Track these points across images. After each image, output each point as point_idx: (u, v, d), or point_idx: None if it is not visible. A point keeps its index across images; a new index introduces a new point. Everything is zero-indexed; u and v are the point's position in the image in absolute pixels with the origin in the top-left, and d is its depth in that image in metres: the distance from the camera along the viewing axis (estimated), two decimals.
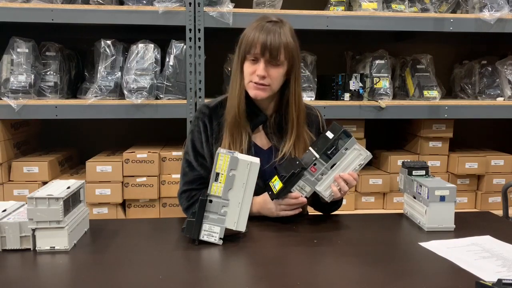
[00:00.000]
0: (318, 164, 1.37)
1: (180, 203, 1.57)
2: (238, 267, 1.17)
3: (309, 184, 1.38)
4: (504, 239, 1.29)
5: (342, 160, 1.38)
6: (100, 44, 2.34)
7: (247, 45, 1.44)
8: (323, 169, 1.38)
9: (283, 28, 1.44)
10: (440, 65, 2.80)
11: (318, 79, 2.51)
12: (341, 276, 1.08)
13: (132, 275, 1.07)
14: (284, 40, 1.42)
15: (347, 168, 1.39)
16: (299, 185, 1.38)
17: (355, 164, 1.39)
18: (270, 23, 1.44)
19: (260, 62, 1.43)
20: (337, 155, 1.38)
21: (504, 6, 2.41)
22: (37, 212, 1.16)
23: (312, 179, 1.38)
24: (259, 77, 1.44)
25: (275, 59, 1.43)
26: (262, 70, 1.43)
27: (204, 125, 1.54)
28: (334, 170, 1.38)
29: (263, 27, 1.43)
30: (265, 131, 1.55)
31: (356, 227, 1.48)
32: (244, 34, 1.47)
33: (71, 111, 2.23)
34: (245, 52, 1.45)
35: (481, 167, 2.56)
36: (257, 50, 1.42)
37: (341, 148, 1.37)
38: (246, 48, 1.44)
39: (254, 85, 1.46)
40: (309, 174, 1.38)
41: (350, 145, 1.38)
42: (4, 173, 2.26)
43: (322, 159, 1.37)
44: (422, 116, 2.45)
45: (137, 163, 2.28)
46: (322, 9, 2.47)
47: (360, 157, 1.39)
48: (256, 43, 1.42)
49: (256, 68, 1.44)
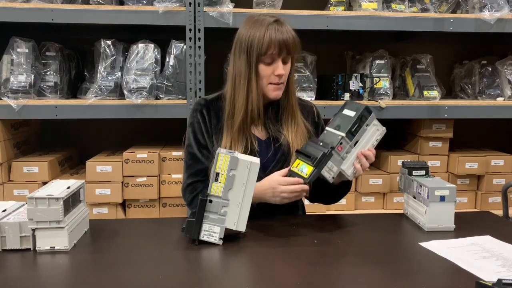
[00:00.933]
0: (344, 143, 1.35)
1: (184, 198, 1.55)
2: (238, 267, 1.17)
3: (336, 164, 1.35)
4: (504, 239, 1.29)
5: (363, 137, 1.38)
6: (100, 44, 2.34)
7: (262, 46, 1.41)
8: (348, 147, 1.36)
9: (286, 25, 1.46)
10: (440, 65, 2.80)
11: (318, 79, 2.50)
12: (341, 276, 1.08)
13: (132, 275, 1.07)
14: (294, 35, 1.45)
15: (367, 144, 1.39)
16: (328, 166, 1.33)
17: (373, 139, 1.40)
18: (275, 23, 1.44)
19: (277, 62, 1.44)
20: (360, 132, 1.37)
21: (504, 6, 2.41)
22: (37, 212, 1.16)
23: (338, 158, 1.35)
24: (279, 77, 1.45)
25: (289, 56, 1.45)
26: (282, 69, 1.44)
27: (202, 116, 1.53)
28: (357, 147, 1.38)
29: (272, 27, 1.42)
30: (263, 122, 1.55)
31: (356, 227, 1.48)
32: (248, 30, 1.44)
33: (71, 111, 2.23)
34: (260, 54, 1.42)
35: (481, 167, 2.56)
36: (275, 50, 1.42)
37: (363, 125, 1.37)
38: (262, 49, 1.41)
39: (274, 86, 1.46)
40: (336, 154, 1.34)
41: (371, 121, 1.38)
42: (4, 173, 2.26)
43: (347, 137, 1.35)
44: (422, 116, 2.45)
45: (137, 163, 2.28)
46: (322, 9, 2.47)
47: (377, 132, 1.40)
48: (272, 44, 1.41)
49: (273, 69, 1.44)
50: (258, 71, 1.45)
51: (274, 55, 1.43)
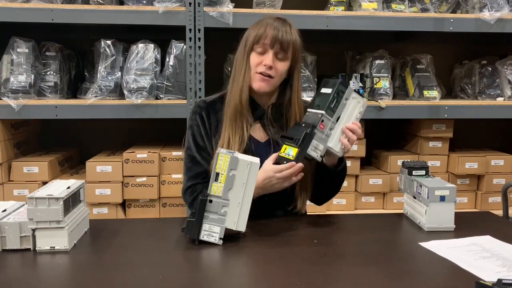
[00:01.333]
0: (325, 120, 1.35)
1: (184, 200, 1.56)
2: (238, 267, 1.17)
3: (321, 142, 1.35)
4: (504, 239, 1.29)
5: (344, 111, 1.38)
6: (100, 44, 2.34)
7: (257, 36, 1.45)
8: (331, 124, 1.36)
9: (291, 27, 1.49)
10: (440, 65, 2.80)
11: (318, 79, 2.51)
12: (341, 276, 1.08)
13: (132, 275, 1.07)
14: (294, 36, 1.47)
15: (350, 118, 1.39)
16: (313, 145, 1.33)
17: (356, 112, 1.40)
18: (279, 21, 1.48)
19: (268, 53, 1.45)
20: (340, 107, 1.37)
21: (504, 6, 2.41)
22: (37, 212, 1.16)
23: (322, 136, 1.35)
24: (266, 67, 1.45)
25: (283, 52, 1.45)
26: (270, 60, 1.44)
27: (201, 119, 1.54)
28: (340, 123, 1.38)
29: (272, 23, 1.46)
30: (262, 124, 1.55)
31: (356, 227, 1.48)
32: (251, 29, 1.49)
33: (71, 111, 2.23)
34: (254, 42, 1.46)
35: (481, 167, 2.56)
36: (267, 40, 1.44)
37: (341, 99, 1.37)
38: (255, 39, 1.46)
39: (260, 76, 1.46)
40: (319, 132, 1.34)
41: (349, 95, 1.38)
42: (4, 173, 2.26)
43: (327, 114, 1.35)
44: (422, 116, 2.45)
45: (137, 163, 2.28)
46: (322, 9, 2.47)
47: (359, 105, 1.40)
48: (266, 35, 1.44)
49: (263, 59, 1.45)
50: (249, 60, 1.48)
51: (265, 45, 1.45)
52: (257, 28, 1.47)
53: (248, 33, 1.50)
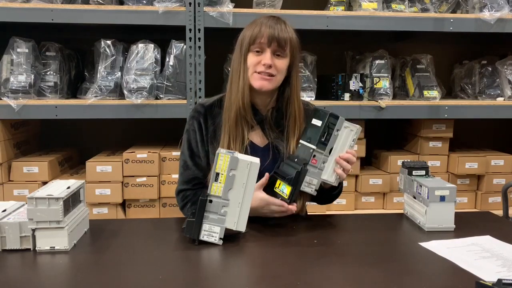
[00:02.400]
0: (317, 155, 1.37)
1: (177, 201, 1.58)
2: (238, 267, 1.17)
3: (314, 177, 1.37)
4: (504, 239, 1.29)
5: (337, 142, 1.38)
6: (100, 44, 2.34)
7: (252, 36, 1.45)
8: (323, 157, 1.37)
9: (287, 25, 1.48)
10: (440, 65, 2.80)
11: (318, 79, 2.50)
12: (341, 276, 1.08)
13: (132, 275, 1.07)
14: (290, 33, 1.47)
15: (343, 147, 1.40)
16: (306, 181, 1.36)
17: (349, 141, 1.40)
18: (273, 19, 1.47)
19: (266, 52, 1.44)
20: (332, 139, 1.37)
21: (504, 6, 2.41)
22: (37, 212, 1.16)
23: (316, 171, 1.37)
24: (265, 66, 1.44)
25: (281, 50, 1.44)
26: (269, 58, 1.44)
27: (199, 124, 1.54)
28: (333, 154, 1.38)
29: (267, 22, 1.45)
30: (261, 128, 1.54)
31: (356, 227, 1.48)
32: (245, 30, 1.49)
33: (71, 111, 2.23)
34: (250, 43, 1.45)
35: (481, 167, 2.56)
36: (264, 40, 1.43)
37: (332, 131, 1.37)
38: (251, 39, 1.45)
39: (259, 75, 1.45)
40: (312, 167, 1.37)
41: (340, 125, 1.38)
42: (4, 173, 2.26)
43: (319, 148, 1.36)
44: (422, 116, 2.45)
45: (137, 163, 2.28)
46: (322, 9, 2.47)
47: (351, 133, 1.40)
48: (262, 34, 1.43)
49: (261, 59, 1.44)
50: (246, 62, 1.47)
51: (262, 45, 1.44)
52: (251, 29, 1.46)
53: (243, 35, 1.48)
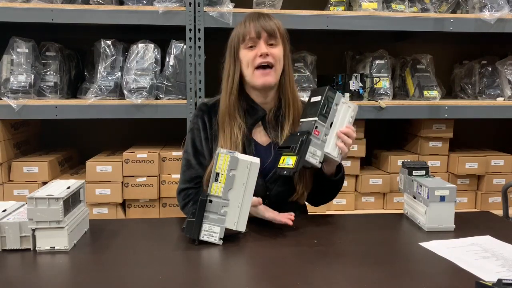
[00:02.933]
0: (319, 126, 1.36)
1: (177, 200, 1.58)
2: (238, 267, 1.17)
3: (318, 148, 1.36)
4: (504, 239, 1.29)
5: (336, 116, 1.39)
6: (100, 44, 2.34)
7: (240, 34, 1.46)
8: (325, 130, 1.37)
9: (270, 17, 1.49)
10: (440, 65, 2.80)
11: (318, 79, 2.50)
12: (341, 276, 1.08)
13: (132, 275, 1.07)
14: (274, 21, 1.48)
15: (343, 123, 1.40)
16: (310, 151, 1.35)
17: (348, 117, 1.41)
18: (255, 14, 1.49)
19: (259, 43, 1.45)
20: (332, 112, 1.38)
21: (504, 6, 2.41)
22: (37, 212, 1.17)
23: (318, 142, 1.37)
24: (262, 56, 1.43)
25: (273, 38, 1.45)
26: (264, 47, 1.44)
27: (203, 123, 1.54)
28: (333, 128, 1.39)
29: (250, 17, 1.48)
30: (264, 127, 1.55)
31: (356, 227, 1.48)
32: (232, 34, 1.51)
33: (71, 111, 2.23)
34: (239, 42, 1.47)
35: (481, 167, 2.56)
36: (252, 34, 1.44)
37: (331, 105, 1.38)
38: (240, 37, 1.46)
39: (260, 72, 1.45)
40: (315, 138, 1.36)
41: (338, 100, 1.39)
42: (4, 173, 2.26)
43: (320, 120, 1.37)
44: (422, 116, 2.45)
45: (137, 163, 2.28)
46: (322, 9, 2.47)
47: (349, 109, 1.41)
48: (249, 29, 1.45)
49: (256, 51, 1.45)
50: (239, 60, 1.48)
51: (254, 39, 1.45)
52: (237, 29, 1.48)
53: (231, 38, 1.50)
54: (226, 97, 1.49)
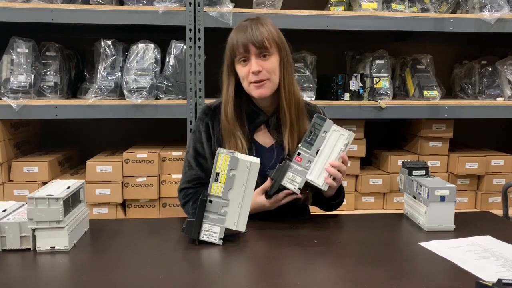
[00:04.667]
0: (302, 153, 1.37)
1: (178, 198, 1.61)
2: (238, 267, 1.17)
3: (298, 175, 1.37)
4: (504, 239, 1.29)
5: (325, 144, 1.38)
6: (100, 44, 2.34)
7: (231, 49, 1.45)
8: (309, 157, 1.37)
9: (261, 21, 1.46)
10: (440, 65, 2.80)
11: (318, 79, 2.50)
12: (341, 276, 1.08)
13: (132, 275, 1.07)
14: (264, 31, 1.43)
15: (333, 151, 1.38)
16: (288, 177, 1.37)
17: (340, 145, 1.39)
18: (247, 21, 1.47)
19: (251, 60, 1.43)
20: (318, 140, 1.38)
21: (504, 6, 2.41)
22: (37, 212, 1.17)
23: (300, 169, 1.37)
24: (255, 74, 1.43)
25: (263, 50, 1.43)
26: (255, 65, 1.42)
27: (206, 126, 1.55)
28: (320, 156, 1.38)
29: (240, 28, 1.45)
30: (268, 129, 1.55)
31: (356, 227, 1.48)
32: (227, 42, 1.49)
33: (71, 111, 2.23)
34: (232, 57, 1.46)
35: (481, 167, 2.56)
36: (241, 49, 1.42)
37: (319, 132, 1.37)
38: (231, 52, 1.46)
39: (255, 85, 1.45)
40: (296, 165, 1.37)
41: (328, 128, 1.38)
42: (4, 173, 2.26)
43: (304, 147, 1.37)
44: (422, 116, 2.45)
45: (137, 163, 2.28)
46: (322, 9, 2.47)
47: (342, 137, 1.38)
48: (237, 44, 1.43)
49: (249, 68, 1.44)
50: (234, 74, 1.48)
51: (243, 54, 1.43)
52: (229, 40, 1.47)
53: (226, 47, 1.49)
54: (225, 110, 1.49)
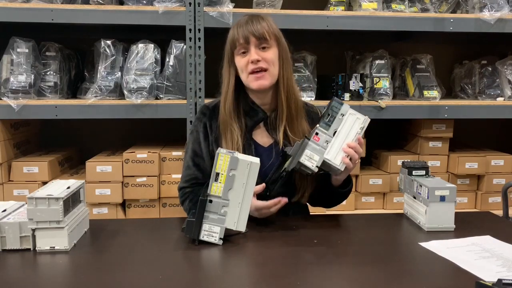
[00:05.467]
0: (320, 133, 1.38)
1: (178, 195, 1.62)
2: (238, 267, 1.17)
3: (316, 153, 1.37)
4: (504, 239, 1.29)
5: (342, 126, 1.40)
6: (100, 44, 2.34)
7: (231, 42, 1.47)
8: (326, 137, 1.38)
9: (261, 19, 1.48)
10: (440, 65, 2.79)
11: (318, 79, 2.50)
12: (341, 276, 1.08)
13: (132, 275, 1.07)
14: (264, 24, 1.46)
15: (349, 133, 1.40)
16: (307, 154, 1.36)
17: (356, 128, 1.41)
18: (245, 18, 1.49)
19: (250, 50, 1.45)
20: (335, 121, 1.39)
21: (504, 6, 2.41)
22: (37, 212, 1.17)
23: (318, 147, 1.37)
24: (253, 62, 1.44)
25: (263, 41, 1.45)
26: (254, 53, 1.44)
27: (204, 126, 1.56)
28: (337, 137, 1.39)
29: (240, 23, 1.48)
30: (266, 128, 1.56)
31: (356, 227, 1.49)
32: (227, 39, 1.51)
33: (71, 111, 2.23)
34: (231, 49, 1.48)
35: (481, 167, 2.56)
36: (241, 40, 1.44)
37: (336, 115, 1.39)
38: (231, 45, 1.47)
39: (254, 75, 1.46)
40: (314, 143, 1.37)
41: (345, 111, 1.40)
42: (4, 173, 2.26)
43: (321, 127, 1.38)
44: (422, 116, 2.45)
45: (137, 163, 2.28)
46: (322, 9, 2.47)
47: (358, 121, 1.40)
48: (238, 36, 1.45)
49: (248, 58, 1.45)
50: (234, 66, 1.49)
51: (243, 45, 1.45)
52: (229, 35, 1.49)
53: (226, 43, 1.51)
54: (223, 103, 1.51)
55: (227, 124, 1.49)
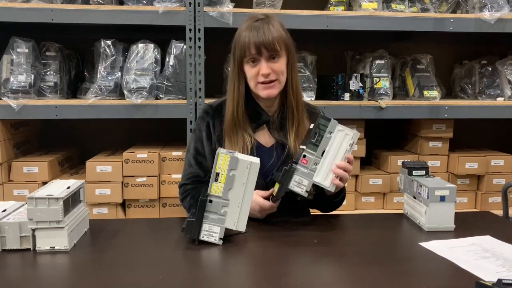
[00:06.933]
0: (308, 155, 1.36)
1: (178, 193, 1.63)
2: (238, 267, 1.17)
3: (305, 177, 1.35)
4: (504, 239, 1.29)
5: (330, 145, 1.37)
6: (100, 44, 2.34)
7: (241, 49, 1.45)
8: (315, 159, 1.36)
9: (271, 22, 1.46)
10: (440, 65, 2.80)
11: (318, 79, 2.50)
12: (341, 276, 1.08)
13: (132, 275, 1.07)
14: (275, 33, 1.44)
15: (338, 152, 1.37)
16: (295, 180, 1.35)
17: (345, 145, 1.37)
18: (258, 21, 1.46)
19: (261, 61, 1.44)
20: (323, 141, 1.36)
21: (504, 6, 2.41)
22: (37, 212, 1.16)
23: (306, 171, 1.36)
24: (264, 76, 1.44)
25: (274, 53, 1.44)
26: (266, 68, 1.44)
27: (207, 125, 1.56)
28: (326, 157, 1.37)
29: (252, 27, 1.45)
30: (268, 128, 1.56)
31: (356, 227, 1.48)
32: (236, 38, 1.49)
33: (71, 111, 2.23)
34: (241, 56, 1.46)
35: (481, 167, 2.56)
36: (253, 51, 1.43)
37: (324, 133, 1.36)
38: (241, 52, 1.45)
39: (263, 85, 1.46)
40: (302, 167, 1.35)
41: (333, 128, 1.36)
42: (4, 173, 2.26)
43: (309, 149, 1.36)
44: (422, 116, 2.45)
45: (137, 163, 2.28)
46: (322, 9, 2.47)
47: (347, 137, 1.37)
48: (249, 45, 1.43)
49: (258, 69, 1.45)
50: (243, 73, 1.48)
51: (254, 55, 1.44)
52: (239, 41, 1.46)
53: (234, 46, 1.48)
54: (234, 107, 1.49)
55: (238, 126, 1.49)
